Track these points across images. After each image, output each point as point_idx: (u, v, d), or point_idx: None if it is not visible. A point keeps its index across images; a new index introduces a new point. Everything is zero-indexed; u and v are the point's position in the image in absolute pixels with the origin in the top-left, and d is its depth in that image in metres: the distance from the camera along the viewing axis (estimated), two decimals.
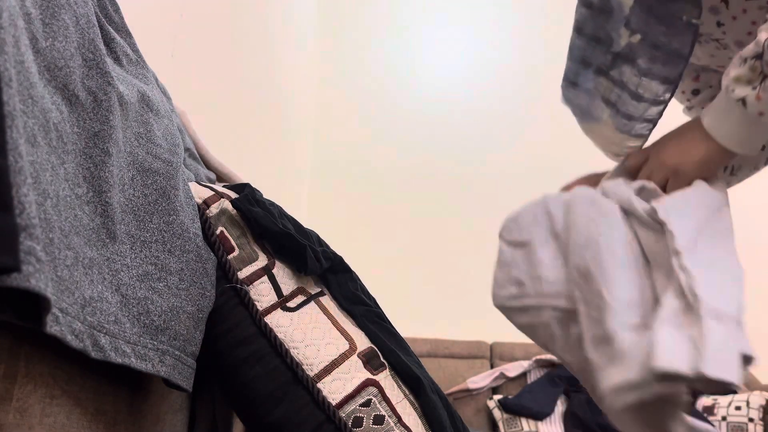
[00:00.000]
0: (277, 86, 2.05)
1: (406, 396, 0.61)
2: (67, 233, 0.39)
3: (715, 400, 2.08)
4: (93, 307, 0.41)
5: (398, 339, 0.67)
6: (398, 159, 2.81)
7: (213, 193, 0.63)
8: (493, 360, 2.41)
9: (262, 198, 0.66)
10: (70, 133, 0.42)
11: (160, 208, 0.52)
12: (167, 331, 0.49)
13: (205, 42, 1.26)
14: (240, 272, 0.60)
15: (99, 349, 0.41)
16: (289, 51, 2.21)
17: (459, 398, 2.26)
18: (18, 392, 0.38)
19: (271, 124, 1.98)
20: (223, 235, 0.61)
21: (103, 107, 0.46)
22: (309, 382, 0.56)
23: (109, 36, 0.54)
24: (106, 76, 0.46)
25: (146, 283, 0.48)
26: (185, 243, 0.54)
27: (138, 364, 0.45)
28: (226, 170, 0.87)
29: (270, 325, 0.58)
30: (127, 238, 0.47)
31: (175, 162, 0.56)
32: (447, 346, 2.39)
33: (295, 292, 0.62)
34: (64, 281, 0.37)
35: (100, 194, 0.44)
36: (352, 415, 0.56)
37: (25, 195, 0.31)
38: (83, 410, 0.45)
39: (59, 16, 0.42)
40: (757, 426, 1.95)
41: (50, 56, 0.40)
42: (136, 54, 0.60)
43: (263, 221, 0.62)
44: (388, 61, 2.92)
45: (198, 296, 0.54)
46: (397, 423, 0.57)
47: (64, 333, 0.37)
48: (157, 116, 0.57)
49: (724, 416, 2.02)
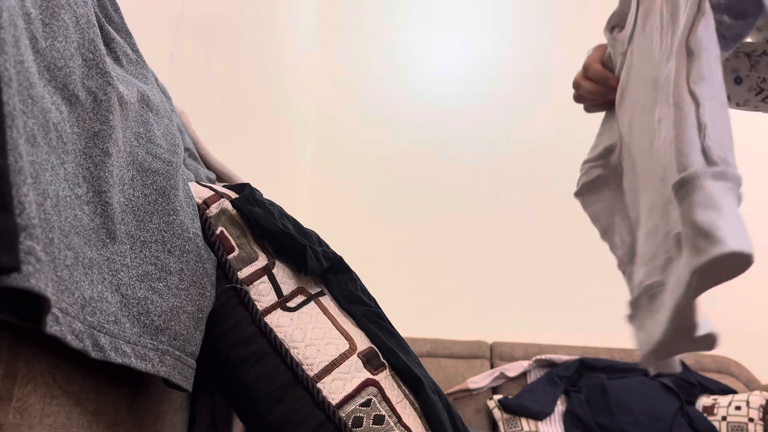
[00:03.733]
0: (277, 86, 2.05)
1: (406, 396, 0.61)
2: (67, 233, 0.39)
3: (715, 400, 2.08)
4: (93, 307, 0.41)
5: (398, 339, 0.67)
6: (398, 159, 2.81)
7: (213, 193, 0.63)
8: (493, 360, 2.41)
9: (262, 198, 0.66)
10: (70, 133, 0.42)
11: (160, 208, 0.52)
12: (167, 331, 0.49)
13: (205, 42, 1.26)
14: (240, 272, 0.60)
15: (99, 349, 0.41)
16: (290, 51, 2.21)
17: (459, 398, 2.26)
18: (18, 392, 0.38)
19: (271, 124, 1.98)
20: (223, 235, 0.61)
21: (103, 107, 0.46)
22: (309, 382, 0.56)
23: (109, 36, 0.54)
24: (106, 76, 0.46)
25: (146, 283, 0.48)
26: (185, 243, 0.54)
27: (138, 364, 0.45)
28: (226, 170, 0.87)
29: (270, 325, 0.58)
30: (126, 238, 0.47)
31: (175, 162, 0.56)
32: (447, 346, 2.40)
33: (295, 292, 0.62)
34: (64, 281, 0.37)
35: (100, 194, 0.44)
36: (352, 415, 0.56)
37: (25, 195, 0.31)
38: (83, 410, 0.45)
39: (59, 16, 0.42)
40: (757, 426, 1.95)
41: (50, 56, 0.40)
42: (136, 54, 0.60)
43: (263, 221, 0.62)
44: (389, 61, 2.92)
45: (198, 296, 0.54)
46: (397, 423, 0.57)
47: (64, 333, 0.37)
48: (157, 116, 0.57)
49: (724, 416, 2.02)
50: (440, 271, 2.68)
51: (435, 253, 2.71)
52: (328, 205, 2.75)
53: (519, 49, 2.95)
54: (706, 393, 2.16)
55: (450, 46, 2.96)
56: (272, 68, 1.95)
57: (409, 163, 2.81)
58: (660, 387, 2.12)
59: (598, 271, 2.62)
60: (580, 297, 2.62)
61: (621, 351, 2.37)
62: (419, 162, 2.81)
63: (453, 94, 2.89)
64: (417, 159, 2.81)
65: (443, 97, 2.88)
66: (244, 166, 1.63)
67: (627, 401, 2.06)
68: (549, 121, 2.82)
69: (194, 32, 1.19)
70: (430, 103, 2.87)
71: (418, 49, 2.94)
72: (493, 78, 2.91)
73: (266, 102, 1.89)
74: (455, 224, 2.74)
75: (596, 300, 2.60)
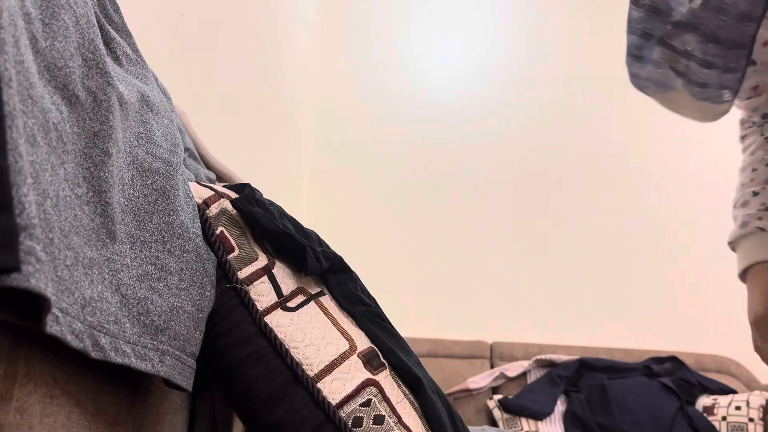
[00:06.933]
0: (277, 86, 2.05)
1: (406, 396, 0.61)
2: (67, 233, 0.39)
3: (715, 400, 2.08)
4: (93, 307, 0.41)
5: (398, 339, 0.67)
6: (398, 159, 2.81)
7: (213, 193, 0.63)
8: (493, 360, 2.41)
9: (262, 198, 0.66)
10: (70, 133, 0.42)
11: (160, 208, 0.52)
12: (167, 331, 0.49)
13: (205, 42, 1.26)
14: (240, 272, 0.60)
15: (99, 349, 0.41)
16: (290, 51, 2.21)
17: (459, 398, 2.26)
18: (18, 392, 0.38)
19: (271, 124, 1.98)
20: (223, 235, 0.61)
21: (103, 107, 0.46)
22: (309, 382, 0.56)
23: (109, 36, 0.54)
24: (106, 76, 0.46)
25: (146, 283, 0.48)
26: (185, 243, 0.54)
27: (138, 364, 0.45)
28: (226, 170, 0.87)
29: (270, 325, 0.58)
30: (126, 238, 0.47)
31: (175, 162, 0.56)
32: (447, 346, 2.40)
33: (295, 292, 0.62)
34: (64, 281, 0.37)
35: (100, 194, 0.44)
36: (352, 415, 0.56)
37: (25, 195, 0.31)
38: (83, 410, 0.45)
39: (59, 16, 0.42)
40: (757, 426, 1.95)
41: (50, 56, 0.40)
42: (136, 54, 0.60)
43: (263, 221, 0.62)
44: (390, 60, 2.92)
45: (198, 296, 0.54)
46: (397, 423, 0.57)
47: (64, 333, 0.37)
48: (157, 116, 0.57)
49: (724, 416, 2.02)
50: (440, 271, 2.68)
51: (435, 253, 2.71)
52: (328, 205, 2.75)
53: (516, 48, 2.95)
54: (706, 393, 2.16)
55: (450, 43, 2.96)
56: (272, 68, 1.95)
57: (409, 163, 2.81)
58: (660, 387, 2.12)
59: (599, 271, 2.62)
60: (580, 297, 2.62)
61: (621, 351, 2.37)
62: (419, 162, 2.81)
63: (455, 92, 2.89)
64: (417, 159, 2.81)
65: (444, 97, 2.88)
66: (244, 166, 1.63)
67: (627, 401, 2.06)
68: (550, 121, 2.82)
69: (194, 32, 1.19)
70: (432, 105, 2.87)
71: (418, 49, 2.94)
72: (496, 75, 2.91)
73: (266, 102, 1.89)
74: (455, 224, 2.74)
75: (596, 300, 2.60)
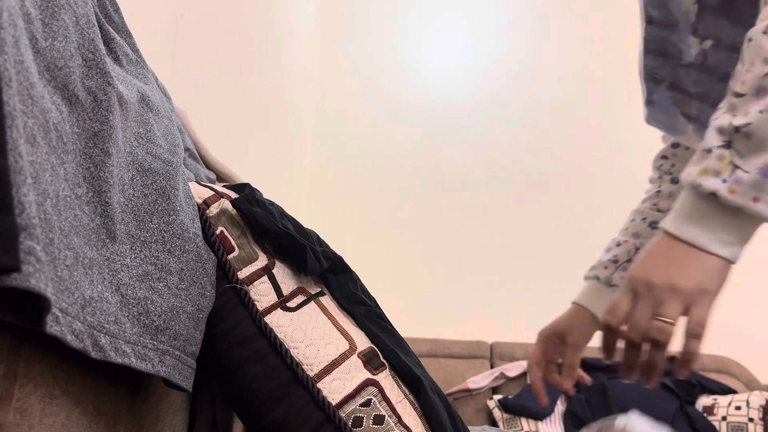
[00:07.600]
0: (277, 86, 2.05)
1: (406, 396, 0.61)
2: (67, 233, 0.39)
3: (715, 399, 2.08)
4: (93, 307, 0.41)
5: (398, 339, 0.67)
6: (398, 159, 2.81)
7: (213, 193, 0.63)
8: (493, 360, 2.41)
9: (262, 198, 0.66)
10: (70, 133, 0.42)
11: (160, 208, 0.52)
12: (167, 331, 0.49)
13: (205, 42, 1.26)
14: (240, 272, 0.60)
15: (99, 349, 0.41)
16: (290, 51, 2.21)
17: (459, 398, 2.26)
18: (18, 392, 0.38)
19: (271, 124, 1.98)
20: (223, 235, 0.61)
21: (103, 107, 0.46)
22: (309, 382, 0.56)
23: (109, 36, 0.54)
24: (106, 76, 0.46)
25: (146, 283, 0.48)
26: (185, 243, 0.54)
27: (138, 364, 0.45)
28: (226, 170, 0.87)
29: (270, 324, 0.58)
30: (126, 238, 0.47)
31: (175, 162, 0.56)
32: (447, 346, 2.40)
33: (295, 292, 0.62)
34: (64, 281, 0.37)
35: (100, 194, 0.44)
36: (352, 415, 0.56)
37: (25, 195, 0.31)
38: (83, 410, 0.45)
39: (59, 16, 0.42)
40: (757, 426, 1.95)
41: (50, 56, 0.40)
42: (136, 54, 0.60)
43: (263, 221, 0.62)
44: (391, 60, 2.92)
45: (198, 296, 0.54)
46: (397, 423, 0.57)
47: (64, 333, 0.37)
48: (157, 116, 0.57)
49: (724, 416, 2.02)
50: (440, 271, 2.69)
51: (435, 253, 2.71)
52: (328, 205, 2.75)
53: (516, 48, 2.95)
54: (706, 393, 2.16)
55: (450, 43, 2.96)
56: (272, 68, 1.95)
57: (409, 162, 2.81)
58: (660, 387, 2.12)
59: None
60: None
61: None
62: (419, 161, 2.81)
63: (454, 92, 2.89)
64: (417, 158, 2.81)
65: (444, 96, 2.88)
66: (244, 166, 1.63)
67: (627, 401, 2.06)
68: (550, 121, 2.82)
69: (194, 32, 1.19)
70: (431, 103, 2.87)
71: (418, 49, 2.94)
72: (496, 75, 2.91)
73: (266, 101, 1.89)
74: (455, 224, 2.74)
75: None
